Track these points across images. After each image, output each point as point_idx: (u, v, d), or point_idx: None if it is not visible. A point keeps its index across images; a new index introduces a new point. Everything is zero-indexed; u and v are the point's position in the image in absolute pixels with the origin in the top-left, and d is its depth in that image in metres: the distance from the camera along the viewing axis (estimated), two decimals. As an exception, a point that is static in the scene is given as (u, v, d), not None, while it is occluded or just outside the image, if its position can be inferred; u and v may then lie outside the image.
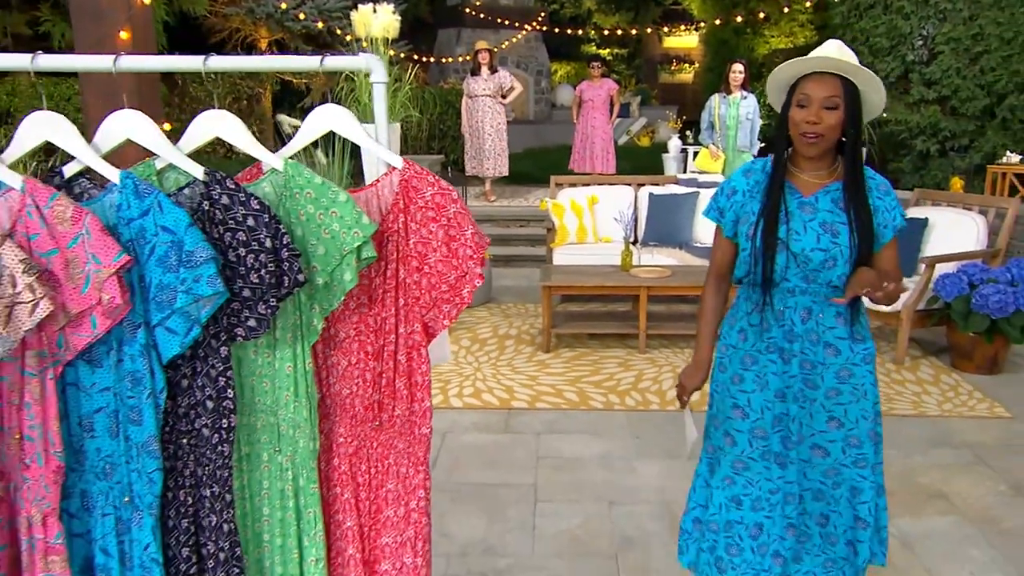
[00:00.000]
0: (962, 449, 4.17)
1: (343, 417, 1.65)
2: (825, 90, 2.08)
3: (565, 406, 4.76)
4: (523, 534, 3.37)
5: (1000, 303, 4.90)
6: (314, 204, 1.50)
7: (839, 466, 2.27)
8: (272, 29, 12.37)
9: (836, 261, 2.15)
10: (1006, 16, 9.19)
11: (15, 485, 1.39)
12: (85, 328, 1.36)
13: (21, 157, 1.44)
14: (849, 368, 2.24)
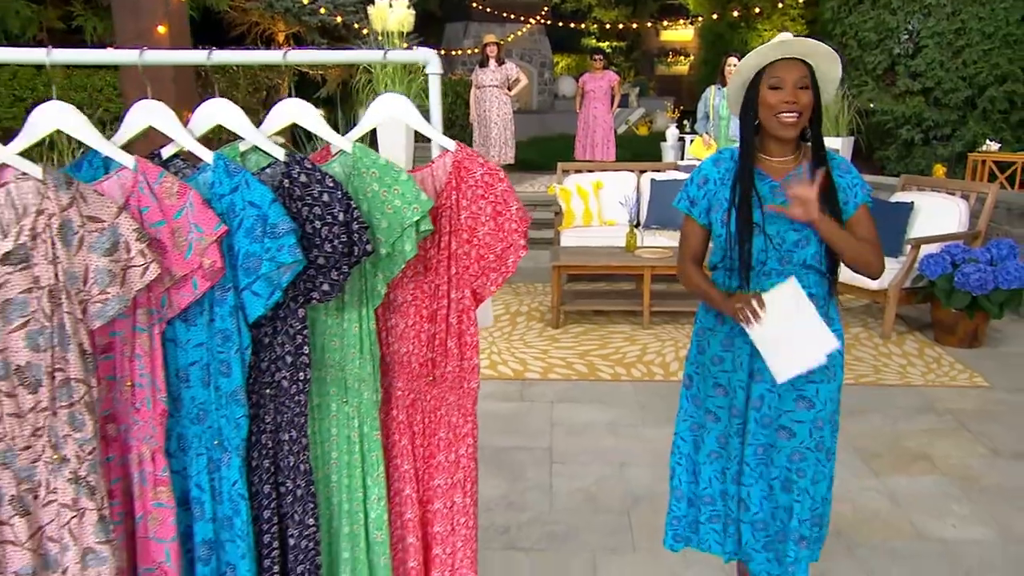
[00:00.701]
0: (945, 415, 4.28)
1: (401, 373, 1.76)
2: (796, 72, 2.08)
3: (575, 377, 4.87)
4: (541, 492, 3.49)
5: (980, 281, 5.01)
6: (379, 182, 1.61)
7: (804, 449, 2.23)
8: (289, 23, 12.43)
9: (810, 239, 2.15)
10: (987, 12, 9.24)
11: (126, 426, 1.50)
12: (187, 289, 1.48)
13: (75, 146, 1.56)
14: None
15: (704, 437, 2.37)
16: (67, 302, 1.34)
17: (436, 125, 1.71)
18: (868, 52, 10.19)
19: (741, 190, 2.17)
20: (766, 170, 2.20)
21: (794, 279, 2.14)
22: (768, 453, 2.24)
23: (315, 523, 1.66)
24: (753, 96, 2.14)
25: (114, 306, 1.39)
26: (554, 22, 16.18)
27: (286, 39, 12.97)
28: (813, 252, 2.15)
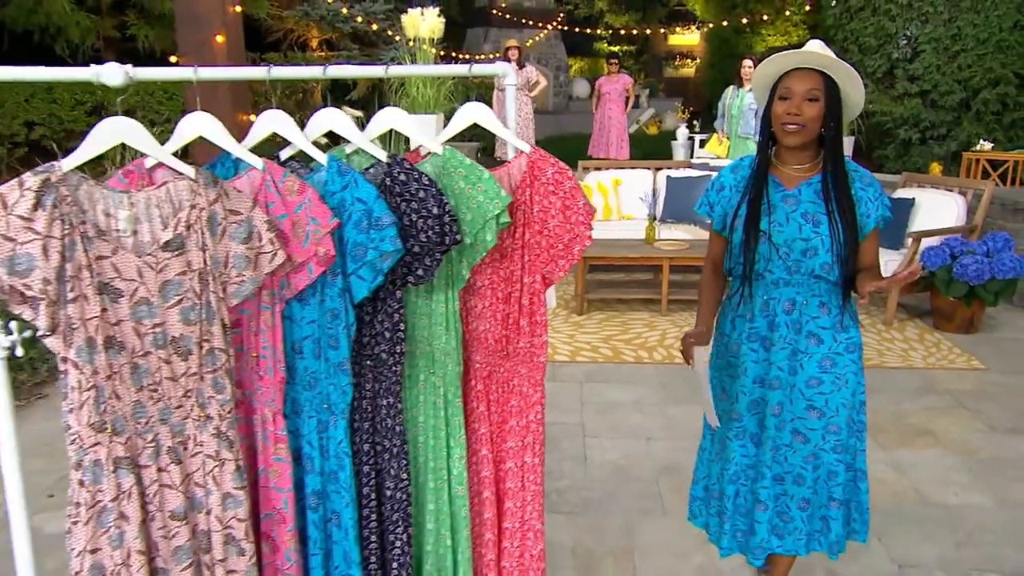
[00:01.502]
0: (944, 395, 4.38)
1: (479, 348, 1.88)
2: (806, 83, 2.01)
3: (601, 360, 4.99)
4: (576, 463, 3.62)
5: (977, 272, 5.10)
6: (465, 180, 1.74)
7: (818, 451, 2.18)
8: (323, 30, 12.53)
9: (817, 251, 2.06)
10: (981, 19, 9.28)
11: (251, 392, 1.64)
12: (304, 274, 1.61)
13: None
14: (832, 357, 2.13)
15: (713, 437, 2.41)
16: (212, 283, 1.48)
17: (512, 129, 1.84)
18: (868, 56, 10.23)
19: (751, 196, 2.12)
20: (780, 178, 2.13)
21: (705, 351, 2.15)
22: (784, 452, 2.20)
23: (408, 477, 1.80)
24: (770, 104, 2.09)
25: (248, 287, 1.53)
26: (569, 27, 16.24)
27: (319, 45, 13.08)
28: (821, 263, 2.07)
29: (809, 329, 2.12)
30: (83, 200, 1.36)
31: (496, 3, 15.79)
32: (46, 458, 3.63)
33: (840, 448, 2.18)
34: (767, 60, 2.09)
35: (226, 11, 5.44)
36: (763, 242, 2.09)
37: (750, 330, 2.18)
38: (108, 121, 1.39)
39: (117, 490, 1.42)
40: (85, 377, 1.38)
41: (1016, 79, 9.31)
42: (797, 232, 2.07)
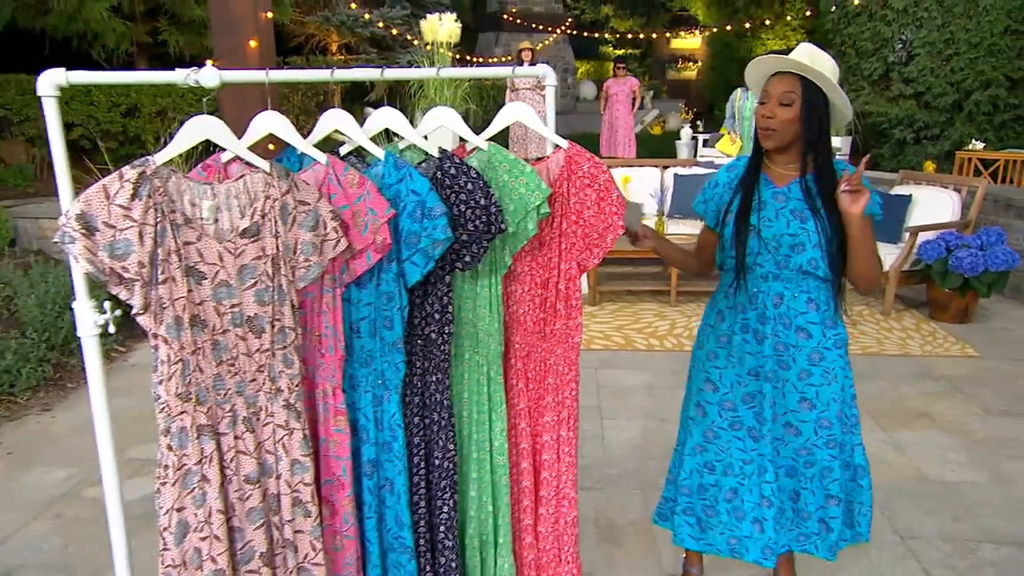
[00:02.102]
0: (940, 380, 4.43)
1: (518, 329, 1.93)
2: (782, 87, 1.98)
3: (614, 347, 5.05)
4: (596, 442, 3.68)
5: (972, 264, 5.14)
6: (508, 174, 1.79)
7: (811, 446, 2.14)
8: (343, 34, 12.59)
9: (805, 246, 2.03)
10: (973, 24, 9.28)
11: (313, 368, 1.70)
12: (362, 260, 1.67)
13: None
14: (820, 352, 2.10)
15: (692, 430, 2.29)
16: (283, 267, 1.55)
17: (551, 127, 1.90)
18: (865, 60, 10.24)
19: (743, 192, 2.11)
20: (772, 176, 2.11)
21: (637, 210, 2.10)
22: (776, 445, 2.17)
23: (454, 448, 1.86)
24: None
25: (314, 271, 1.60)
26: (576, 32, 16.26)
27: (339, 49, 13.15)
28: (809, 258, 2.04)
29: (798, 324, 2.09)
30: (172, 191, 1.43)
31: (507, 8, 15.80)
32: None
33: (833, 443, 2.13)
34: (752, 63, 2.08)
35: (258, 17, 5.49)
36: (752, 236, 2.08)
37: (742, 321, 2.16)
38: (195, 120, 1.46)
39: (200, 454, 1.50)
40: (173, 352, 1.45)
41: (1007, 81, 9.31)
42: (785, 228, 2.05)
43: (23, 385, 4.11)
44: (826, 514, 2.17)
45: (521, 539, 2.01)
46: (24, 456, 3.57)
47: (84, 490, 3.26)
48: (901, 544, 2.84)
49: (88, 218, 1.34)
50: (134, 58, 10.00)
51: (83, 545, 2.88)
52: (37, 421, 3.95)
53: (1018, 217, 6.01)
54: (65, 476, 3.37)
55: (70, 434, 3.79)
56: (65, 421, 3.94)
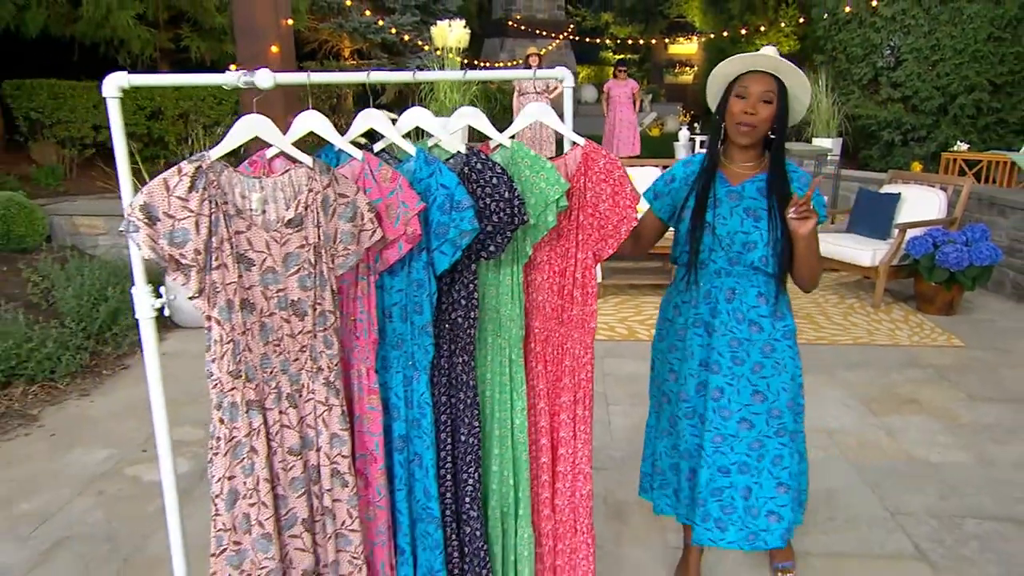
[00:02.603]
0: (927, 368, 4.48)
1: (537, 315, 1.97)
2: (762, 85, 1.98)
3: (618, 338, 5.09)
4: (602, 427, 3.71)
5: (957, 259, 5.18)
6: (529, 169, 1.83)
7: (763, 437, 2.13)
8: (355, 40, 12.62)
9: (757, 244, 2.04)
10: (958, 31, 9.33)
11: (349, 350, 1.74)
12: (394, 250, 1.71)
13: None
14: (771, 343, 2.11)
15: (660, 415, 2.34)
16: (324, 255, 1.60)
17: (569, 125, 1.95)
18: (855, 65, 10.28)
19: (699, 189, 2.10)
20: (727, 175, 2.11)
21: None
22: (728, 442, 2.14)
23: (478, 425, 1.90)
24: (723, 103, 2.06)
25: (352, 259, 1.64)
26: (578, 37, 16.29)
27: (351, 54, 13.18)
28: (760, 255, 2.05)
29: (750, 318, 2.10)
30: (225, 184, 1.48)
31: (511, 15, 15.83)
32: (137, 419, 3.78)
33: (783, 432, 2.14)
34: (727, 60, 2.04)
35: (280, 24, 5.54)
36: (707, 233, 2.07)
37: (695, 316, 2.16)
38: (245, 119, 1.51)
39: (249, 427, 1.55)
40: (225, 332, 1.50)
41: (990, 86, 9.35)
42: (739, 226, 2.05)
43: (62, 371, 4.18)
44: (776, 504, 2.15)
45: (540, 511, 2.05)
46: (66, 437, 3.63)
47: (124, 469, 3.32)
48: (891, 520, 2.89)
49: (150, 208, 1.40)
50: (157, 63, 10.04)
51: (125, 519, 2.94)
52: (76, 405, 4.01)
53: (1000, 215, 6.05)
54: (105, 456, 3.43)
55: (107, 418, 3.85)
56: (102, 405, 4.00)
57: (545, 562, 2.09)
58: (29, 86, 9.67)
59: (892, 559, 2.66)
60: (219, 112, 10.05)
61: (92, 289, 4.68)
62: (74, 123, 9.64)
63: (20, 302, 4.55)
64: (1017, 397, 4.06)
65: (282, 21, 5.52)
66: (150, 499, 3.06)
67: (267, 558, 1.61)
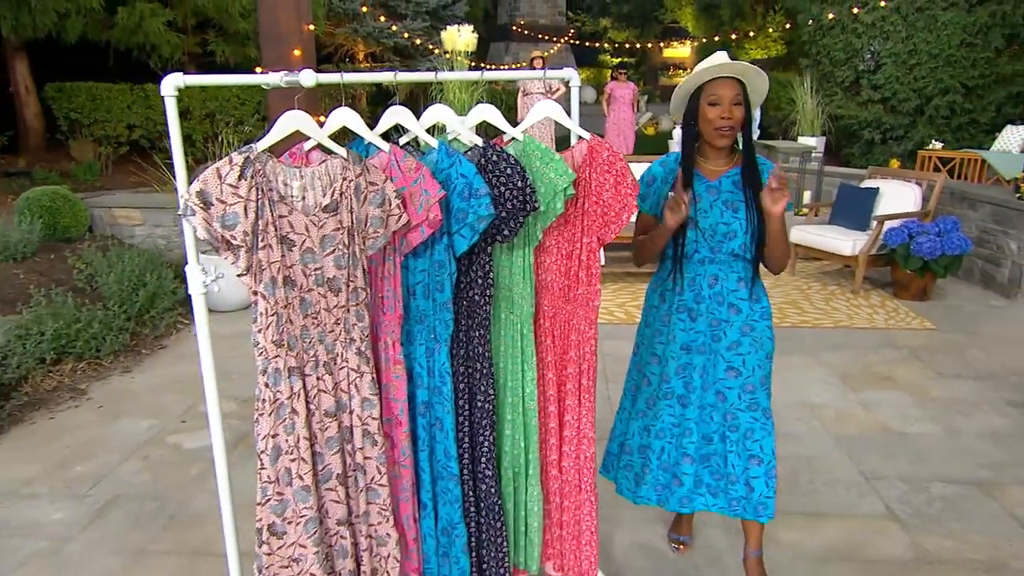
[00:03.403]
0: (902, 349, 4.53)
1: (546, 294, 2.01)
2: (732, 90, 2.02)
3: (616, 321, 5.14)
4: (602, 400, 3.70)
5: (930, 249, 5.23)
6: (540, 160, 1.88)
7: (735, 410, 2.14)
8: (369, 44, 12.63)
9: (737, 233, 2.07)
10: (934, 37, 9.33)
11: (377, 324, 1.80)
12: (417, 233, 1.76)
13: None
14: (751, 323, 2.13)
15: (637, 397, 2.32)
16: (356, 237, 1.66)
17: (576, 121, 2.00)
18: (838, 68, 10.28)
19: (680, 188, 2.09)
20: (703, 172, 2.14)
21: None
22: (708, 412, 2.18)
23: (493, 393, 1.96)
24: (693, 109, 2.08)
25: (381, 241, 1.71)
26: (578, 41, 16.27)
27: (365, 57, 13.19)
28: (740, 243, 2.09)
29: (730, 301, 2.13)
30: (269, 173, 1.55)
31: (515, 20, 15.83)
32: (176, 393, 3.86)
33: (755, 407, 2.14)
34: (696, 72, 2.06)
35: (302, 29, 5.58)
36: (691, 227, 2.10)
37: (678, 302, 2.17)
38: (287, 114, 1.57)
39: (290, 391, 1.62)
40: (269, 306, 1.57)
41: (962, 88, 9.36)
42: (719, 217, 2.09)
43: (107, 350, 4.26)
44: (749, 475, 2.16)
45: (547, 471, 2.11)
46: (112, 409, 3.71)
47: (165, 437, 3.40)
48: (866, 484, 2.96)
49: (205, 195, 1.46)
50: (184, 67, 10.08)
51: (169, 481, 3.02)
52: (120, 380, 4.09)
53: (971, 208, 6.09)
54: (148, 426, 3.51)
55: (148, 392, 3.93)
56: (143, 381, 4.08)
57: (552, 517, 2.15)
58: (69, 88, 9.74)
59: (866, 518, 2.73)
60: (243, 112, 10.11)
61: (131, 275, 4.76)
62: (110, 123, 9.71)
63: (68, 287, 4.63)
64: (982, 374, 4.12)
65: (304, 26, 5.56)
66: (191, 464, 3.15)
67: (306, 507, 1.68)
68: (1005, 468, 3.08)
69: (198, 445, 3.30)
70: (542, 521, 2.11)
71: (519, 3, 16.29)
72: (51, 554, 2.56)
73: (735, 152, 2.15)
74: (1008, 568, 2.44)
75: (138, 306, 4.66)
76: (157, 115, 9.71)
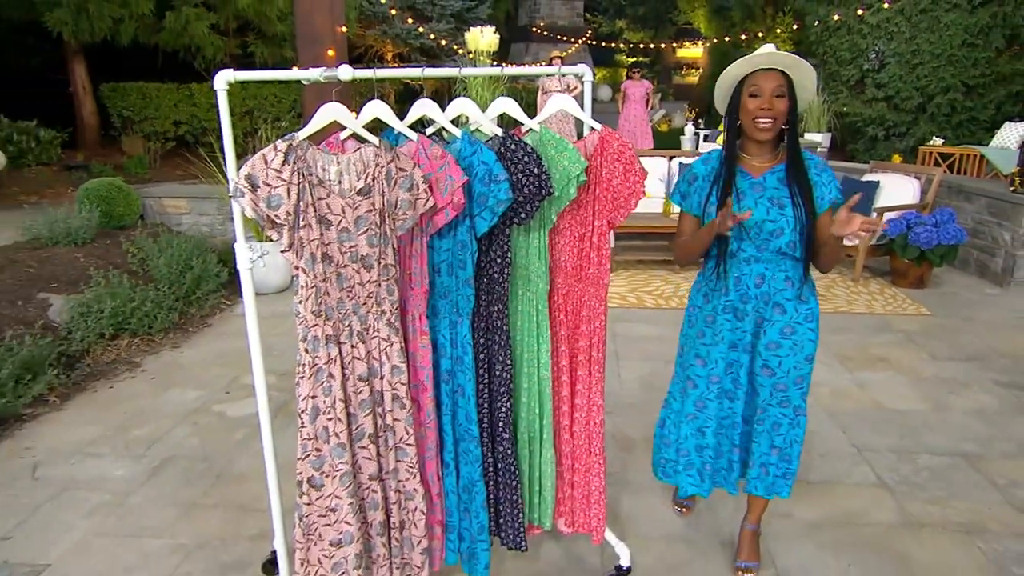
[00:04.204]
0: (898, 333, 4.53)
1: (559, 272, 2.06)
2: (773, 81, 1.90)
3: (628, 305, 5.18)
4: (614, 378, 3.82)
5: (927, 239, 5.20)
6: (555, 150, 1.92)
7: (765, 405, 2.09)
8: (397, 45, 12.69)
9: (784, 230, 1.96)
10: (936, 37, 9.20)
11: (404, 299, 1.87)
12: (442, 215, 1.81)
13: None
14: (792, 326, 2.03)
15: (685, 400, 2.23)
16: (387, 218, 1.73)
17: (588, 113, 2.05)
18: (843, 67, 10.18)
19: (722, 185, 2.01)
20: (747, 168, 2.03)
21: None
22: (749, 402, 2.15)
23: (510, 363, 2.01)
24: (736, 101, 1.98)
25: (409, 222, 1.77)
26: (595, 42, 16.19)
27: (393, 58, 13.25)
28: (787, 241, 1.97)
29: (776, 300, 2.03)
30: (310, 159, 1.62)
31: (535, 22, 15.78)
32: (221, 366, 3.98)
33: (786, 404, 2.08)
34: (735, 63, 1.96)
35: (335, 31, 5.65)
36: (734, 225, 1.94)
37: (724, 302, 2.08)
38: (326, 106, 1.64)
39: (328, 357, 1.70)
40: (309, 280, 1.65)
41: (963, 87, 9.23)
42: (765, 215, 1.97)
43: (158, 327, 4.39)
44: (767, 460, 2.14)
45: (560, 435, 2.17)
46: (163, 380, 3.84)
47: (212, 406, 3.52)
48: (857, 455, 3.00)
49: (253, 178, 1.54)
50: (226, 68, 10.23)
51: (216, 444, 3.14)
52: (170, 355, 4.22)
53: (967, 201, 6.03)
54: (196, 396, 3.63)
55: (195, 365, 4.05)
56: (190, 356, 4.21)
57: (564, 478, 2.21)
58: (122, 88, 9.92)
59: (856, 485, 2.77)
60: (279, 109, 10.23)
61: (179, 259, 4.88)
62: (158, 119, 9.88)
63: (123, 269, 4.76)
64: (973, 356, 4.11)
65: (337, 28, 5.63)
66: (235, 430, 3.26)
67: (341, 462, 1.76)
68: (990, 442, 3.10)
69: (241, 413, 3.41)
70: (555, 481, 2.17)
71: (539, 5, 16.23)
72: (115, 505, 2.68)
73: (780, 147, 2.02)
74: (987, 530, 2.47)
75: (185, 287, 4.79)
76: (201, 112, 9.87)
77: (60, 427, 3.29)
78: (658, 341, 4.41)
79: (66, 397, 3.60)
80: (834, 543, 2.43)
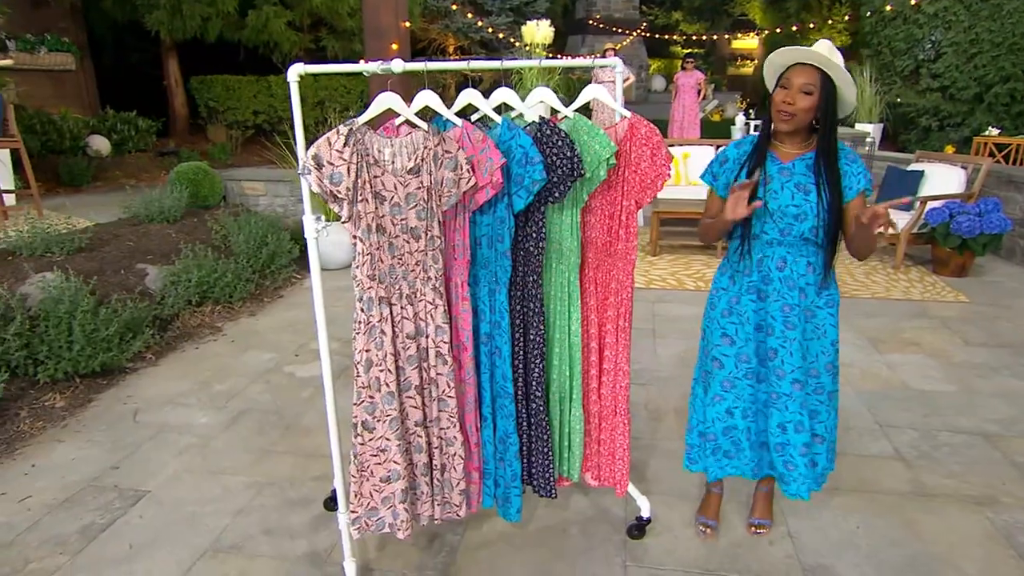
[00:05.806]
0: (934, 319, 4.45)
1: (590, 248, 2.14)
2: (803, 77, 1.86)
3: (668, 287, 5.22)
4: (650, 354, 3.91)
5: (969, 228, 5.07)
6: (587, 135, 2.01)
7: (804, 395, 2.05)
8: (458, 38, 12.83)
9: (807, 216, 1.94)
10: (997, 26, 8.78)
11: (449, 267, 2.01)
12: (482, 193, 1.92)
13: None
14: (812, 310, 2.02)
15: (710, 382, 2.18)
16: (434, 195, 1.88)
17: (620, 101, 2.14)
18: (898, 58, 9.83)
19: (750, 167, 2.01)
20: (777, 154, 2.01)
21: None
22: (783, 400, 2.07)
23: (543, 329, 2.12)
24: (773, 91, 1.97)
25: (453, 199, 1.91)
26: (650, 34, 15.97)
27: (455, 51, 13.41)
28: (810, 226, 1.95)
29: (800, 285, 2.01)
30: (367, 141, 1.78)
31: (591, 14, 15.66)
32: (291, 333, 4.24)
33: (820, 390, 2.06)
34: (776, 52, 1.93)
35: (399, 26, 5.82)
36: (760, 207, 1.95)
37: (748, 283, 2.07)
38: (382, 95, 1.79)
39: (380, 316, 1.87)
40: (365, 248, 1.82)
41: (1025, 76, 8.81)
42: (790, 200, 1.95)
43: (237, 296, 4.70)
44: (812, 452, 2.09)
45: (588, 396, 2.27)
46: (241, 343, 4.13)
47: (283, 367, 3.78)
48: (880, 431, 3.01)
49: (318, 158, 1.71)
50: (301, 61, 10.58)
51: (286, 400, 3.38)
52: (247, 321, 4.52)
53: (1017, 191, 5.81)
54: (269, 358, 3.90)
55: (269, 331, 4.33)
56: (265, 323, 4.49)
57: (592, 435, 2.33)
58: (208, 81, 10.40)
59: (875, 458, 2.80)
60: (348, 99, 10.54)
61: (256, 236, 5.18)
62: (239, 110, 10.32)
63: (207, 244, 5.09)
64: (1007, 343, 4.02)
65: (401, 23, 5.80)
66: (302, 388, 3.50)
67: (391, 409, 1.94)
68: (1013, 423, 3.06)
69: (308, 375, 3.66)
70: (583, 438, 2.28)
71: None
72: (201, 447, 2.95)
73: (811, 137, 1.98)
74: (998, 503, 2.48)
75: (261, 262, 5.09)
76: (277, 103, 10.26)
77: (155, 380, 3.61)
78: (695, 320, 4.36)
79: (160, 354, 3.92)
80: (844, 506, 2.49)
